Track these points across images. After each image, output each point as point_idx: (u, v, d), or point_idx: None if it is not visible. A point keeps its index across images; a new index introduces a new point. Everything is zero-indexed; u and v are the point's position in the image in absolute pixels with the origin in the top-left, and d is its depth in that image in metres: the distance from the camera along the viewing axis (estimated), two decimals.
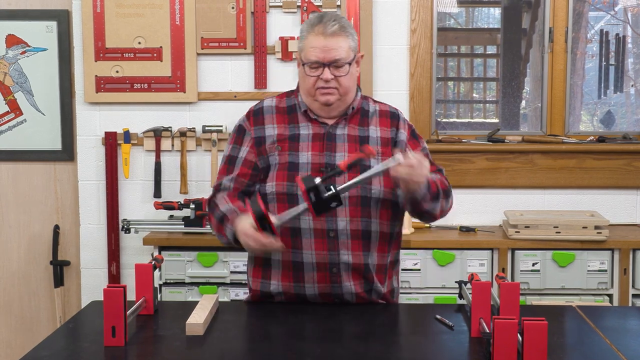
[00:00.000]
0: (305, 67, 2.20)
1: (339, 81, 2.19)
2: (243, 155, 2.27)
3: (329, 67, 2.17)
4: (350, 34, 2.21)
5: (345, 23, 2.21)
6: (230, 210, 2.18)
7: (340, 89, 2.20)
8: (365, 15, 3.63)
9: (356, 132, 2.26)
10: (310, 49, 2.18)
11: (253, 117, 2.30)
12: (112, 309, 1.87)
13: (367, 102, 2.33)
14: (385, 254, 2.26)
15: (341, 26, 2.18)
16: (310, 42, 2.18)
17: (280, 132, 2.26)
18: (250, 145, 2.27)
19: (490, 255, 3.39)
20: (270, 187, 2.20)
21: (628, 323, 2.19)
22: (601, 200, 3.74)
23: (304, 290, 2.22)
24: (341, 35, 2.18)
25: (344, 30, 2.19)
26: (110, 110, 3.74)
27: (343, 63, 2.18)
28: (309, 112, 2.26)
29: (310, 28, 2.20)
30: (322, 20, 2.19)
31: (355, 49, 2.23)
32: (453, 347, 1.91)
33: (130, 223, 3.58)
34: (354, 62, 2.23)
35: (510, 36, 4.40)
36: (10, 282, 3.95)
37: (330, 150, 2.22)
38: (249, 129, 2.29)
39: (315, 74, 2.19)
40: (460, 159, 3.72)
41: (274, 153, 2.23)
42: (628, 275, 3.35)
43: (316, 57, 2.17)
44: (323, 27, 2.17)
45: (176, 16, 3.65)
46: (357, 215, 2.18)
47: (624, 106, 4.43)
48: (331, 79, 2.18)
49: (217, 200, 2.25)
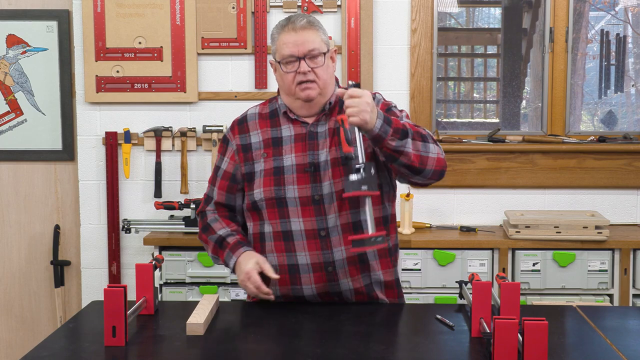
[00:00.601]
0: (281, 65, 2.21)
1: (316, 73, 2.20)
2: (224, 167, 2.33)
3: (304, 59, 2.18)
4: (320, 28, 2.24)
5: (314, 20, 2.24)
6: (229, 235, 2.25)
7: (319, 82, 2.21)
8: (366, 15, 3.63)
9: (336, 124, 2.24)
10: (283, 45, 2.20)
11: (238, 127, 2.33)
12: (112, 308, 1.87)
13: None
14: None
15: (309, 21, 2.22)
16: (282, 39, 2.21)
17: (265, 137, 2.28)
18: (231, 157, 2.31)
19: (490, 255, 3.39)
20: (259, 193, 2.23)
21: (628, 323, 2.19)
22: (602, 200, 3.74)
23: (302, 292, 2.23)
24: (311, 29, 2.21)
25: (312, 25, 2.22)
26: (111, 110, 3.74)
27: (318, 53, 2.19)
28: (289, 113, 2.27)
29: (280, 29, 2.24)
30: (289, 19, 2.23)
31: (327, 43, 2.25)
32: (453, 347, 1.91)
33: (130, 223, 3.58)
34: (328, 55, 2.23)
35: (511, 36, 4.40)
36: (11, 282, 3.95)
37: (312, 149, 2.23)
38: (232, 139, 2.32)
39: (293, 69, 2.20)
40: (461, 158, 3.72)
41: (260, 160, 2.25)
42: (628, 275, 3.35)
43: (290, 51, 2.19)
44: (292, 24, 2.21)
45: (176, 16, 3.65)
46: (345, 208, 2.18)
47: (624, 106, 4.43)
48: (308, 70, 2.19)
49: (209, 220, 2.32)
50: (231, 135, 2.33)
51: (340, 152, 2.18)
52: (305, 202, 2.19)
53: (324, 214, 2.18)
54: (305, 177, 2.20)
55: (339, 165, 2.19)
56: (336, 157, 2.20)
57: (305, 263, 2.20)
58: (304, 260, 2.20)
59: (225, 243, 2.24)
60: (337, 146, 2.21)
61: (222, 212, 2.34)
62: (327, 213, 2.18)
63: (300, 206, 2.19)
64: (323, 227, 2.18)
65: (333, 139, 2.22)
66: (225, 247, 2.24)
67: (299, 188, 2.20)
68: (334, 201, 2.18)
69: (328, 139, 2.23)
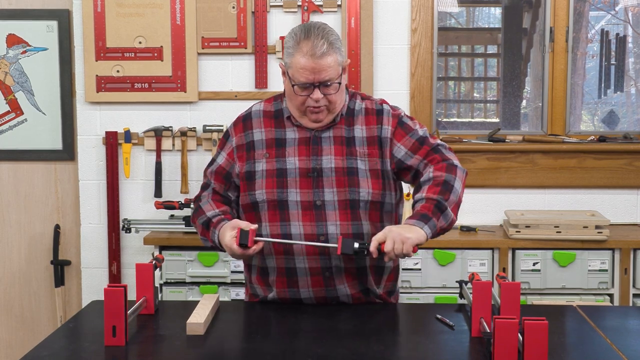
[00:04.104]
0: (295, 87, 2.15)
1: (328, 99, 2.17)
2: (220, 161, 2.30)
3: (319, 87, 2.14)
4: (338, 48, 2.15)
5: (333, 38, 2.15)
6: (215, 215, 2.22)
7: (330, 106, 2.18)
8: (366, 15, 3.63)
9: (342, 132, 2.23)
10: (300, 70, 2.12)
11: (242, 123, 2.30)
12: (112, 308, 1.87)
13: (355, 99, 2.29)
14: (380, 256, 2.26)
15: (329, 43, 2.12)
16: (299, 62, 2.12)
17: (268, 137, 2.25)
18: (228, 153, 2.29)
19: (490, 254, 3.39)
20: (261, 194, 2.21)
21: (629, 323, 2.19)
22: (602, 200, 3.74)
23: (299, 294, 2.22)
24: (330, 55, 2.12)
25: (332, 47, 2.13)
26: (111, 109, 3.74)
27: (333, 82, 2.15)
28: (292, 119, 2.25)
29: (297, 46, 2.13)
30: (309, 37, 2.12)
31: (342, 62, 2.18)
32: (453, 346, 1.91)
33: (130, 223, 3.58)
34: (343, 76, 2.19)
35: (511, 36, 4.39)
36: (11, 282, 3.95)
37: (316, 154, 2.21)
38: (233, 136, 2.30)
39: (305, 94, 2.15)
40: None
41: (262, 160, 2.23)
42: (629, 275, 3.35)
43: (306, 78, 2.13)
44: (312, 48, 2.11)
45: (177, 16, 3.65)
46: (346, 219, 2.18)
47: (624, 106, 4.43)
48: (321, 98, 2.15)
49: (202, 204, 2.29)
50: (233, 132, 2.30)
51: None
52: (306, 206, 2.18)
53: (324, 220, 2.17)
54: (307, 182, 2.19)
55: (344, 175, 2.19)
56: (342, 167, 2.19)
57: (303, 267, 2.19)
58: (301, 263, 2.19)
59: (211, 223, 2.21)
60: (345, 155, 2.20)
61: (217, 198, 2.30)
62: (327, 219, 2.17)
63: (301, 210, 2.18)
64: (322, 232, 2.17)
65: (340, 147, 2.22)
66: (210, 226, 2.21)
67: (301, 192, 2.19)
68: (336, 209, 2.18)
69: (333, 147, 2.22)
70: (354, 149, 2.21)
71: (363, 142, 2.23)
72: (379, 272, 2.26)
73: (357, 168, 2.19)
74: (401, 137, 2.23)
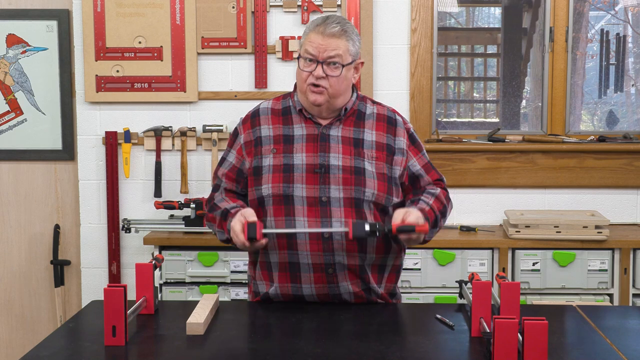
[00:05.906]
0: (301, 60, 2.22)
1: (329, 81, 2.20)
2: (231, 159, 2.32)
3: (322, 64, 2.19)
4: (352, 39, 2.22)
5: (349, 28, 2.23)
6: (233, 207, 2.23)
7: (330, 90, 2.21)
8: (366, 15, 3.63)
9: (351, 134, 2.26)
10: (309, 42, 2.21)
11: (250, 120, 2.33)
12: (112, 308, 1.87)
13: (365, 103, 2.34)
14: (383, 255, 2.26)
15: (343, 29, 2.21)
16: (310, 36, 2.21)
17: (276, 133, 2.28)
18: (237, 150, 2.31)
19: (490, 254, 3.39)
20: (267, 189, 2.22)
21: (628, 323, 2.19)
22: (602, 200, 3.74)
23: (302, 291, 2.23)
24: (341, 38, 2.20)
25: (345, 33, 2.21)
26: (111, 109, 3.74)
27: (337, 63, 2.19)
28: (304, 112, 2.28)
29: (313, 26, 2.23)
30: (325, 21, 2.22)
31: (355, 54, 2.24)
32: (453, 346, 1.91)
33: (130, 222, 3.58)
34: (351, 67, 2.24)
35: (511, 36, 4.40)
36: (11, 282, 3.95)
37: (324, 151, 2.23)
38: (241, 133, 2.32)
39: (308, 69, 2.21)
40: (461, 158, 3.72)
41: (269, 155, 2.25)
42: (628, 275, 3.35)
43: (312, 51, 2.19)
44: (324, 27, 2.20)
45: (177, 16, 3.65)
46: (350, 216, 2.19)
47: (624, 106, 4.43)
48: (322, 76, 2.19)
49: (216, 200, 2.30)
50: (241, 129, 2.33)
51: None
52: (312, 202, 2.19)
53: (329, 216, 2.18)
54: (314, 178, 2.20)
55: (351, 174, 2.20)
56: (349, 166, 2.21)
57: (307, 262, 2.20)
58: (305, 259, 2.20)
59: (229, 214, 2.21)
60: (352, 155, 2.22)
61: (230, 195, 2.31)
62: (332, 216, 2.18)
63: (306, 206, 2.19)
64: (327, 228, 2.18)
65: (348, 147, 2.23)
66: (228, 217, 2.21)
67: (307, 188, 2.20)
68: (341, 206, 2.19)
69: (341, 146, 2.24)
70: (362, 150, 2.24)
71: (372, 145, 2.26)
72: (380, 271, 2.27)
73: (364, 169, 2.21)
74: (416, 154, 2.32)
